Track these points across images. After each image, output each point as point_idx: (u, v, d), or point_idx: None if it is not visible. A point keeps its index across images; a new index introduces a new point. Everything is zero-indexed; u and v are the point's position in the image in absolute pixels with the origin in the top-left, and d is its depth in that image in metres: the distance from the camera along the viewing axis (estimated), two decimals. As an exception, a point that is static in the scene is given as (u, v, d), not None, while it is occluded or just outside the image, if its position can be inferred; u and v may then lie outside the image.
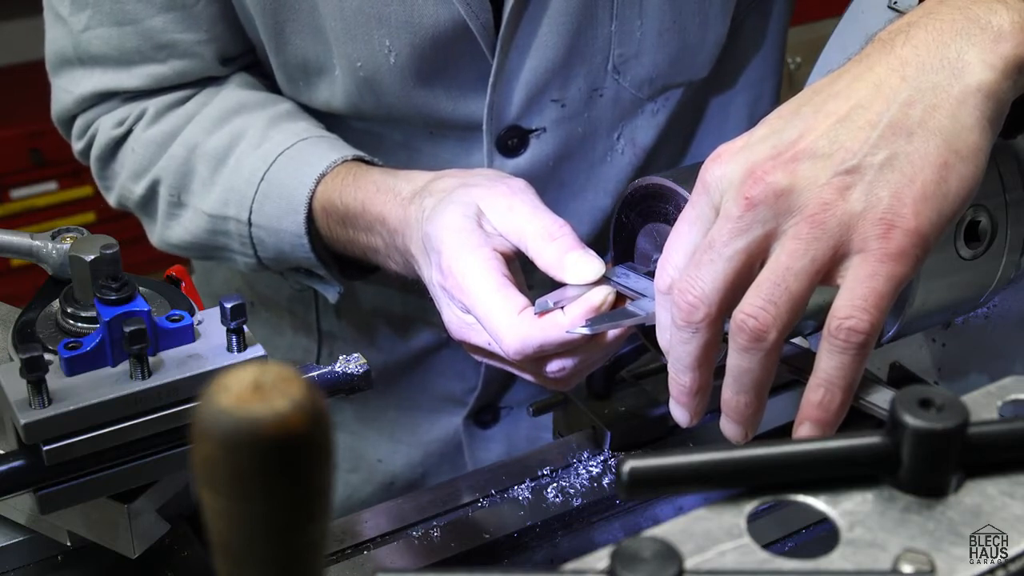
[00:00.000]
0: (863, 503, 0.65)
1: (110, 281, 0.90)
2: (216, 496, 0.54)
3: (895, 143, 0.82)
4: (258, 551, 0.55)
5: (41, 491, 0.89)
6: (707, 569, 0.61)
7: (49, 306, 0.97)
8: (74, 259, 0.93)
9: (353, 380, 0.99)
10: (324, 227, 1.27)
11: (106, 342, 0.90)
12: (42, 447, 0.87)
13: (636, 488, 0.66)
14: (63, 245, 1.00)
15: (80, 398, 0.87)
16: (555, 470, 1.17)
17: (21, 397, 0.86)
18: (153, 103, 1.38)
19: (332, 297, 1.37)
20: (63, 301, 0.95)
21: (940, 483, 0.65)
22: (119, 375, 0.89)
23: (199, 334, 0.93)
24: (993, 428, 0.67)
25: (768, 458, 0.66)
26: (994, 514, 0.64)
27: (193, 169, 1.36)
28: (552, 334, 1.00)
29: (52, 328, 0.95)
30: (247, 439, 0.52)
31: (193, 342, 0.93)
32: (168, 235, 1.41)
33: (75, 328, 0.94)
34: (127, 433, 0.89)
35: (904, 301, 1.02)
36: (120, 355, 0.90)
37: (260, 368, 0.53)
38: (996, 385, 0.73)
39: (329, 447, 0.55)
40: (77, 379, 0.89)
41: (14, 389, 0.87)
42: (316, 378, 0.98)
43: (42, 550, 1.02)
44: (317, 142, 1.31)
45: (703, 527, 0.63)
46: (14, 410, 0.86)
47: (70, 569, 1.02)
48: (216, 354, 0.92)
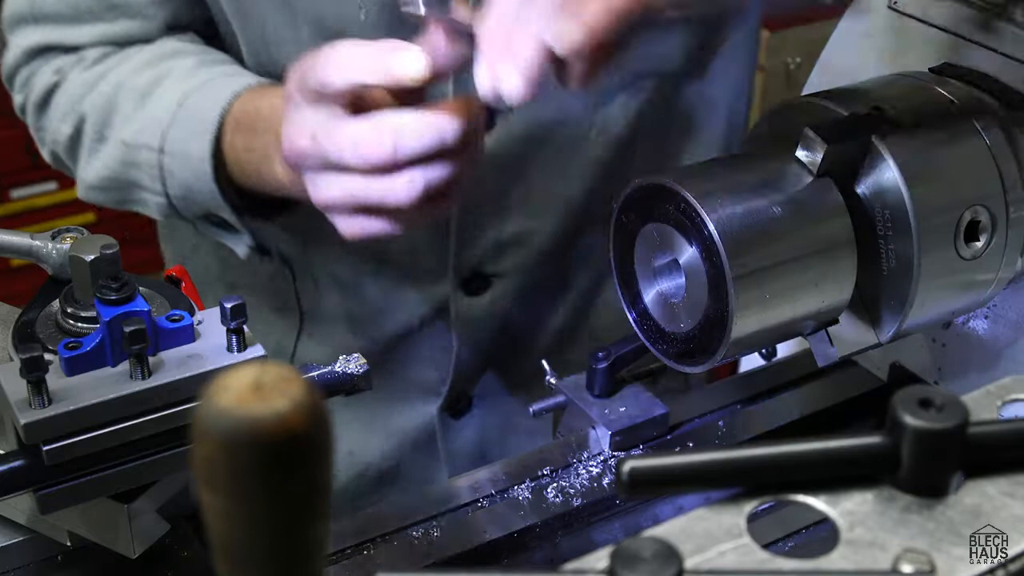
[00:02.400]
0: (863, 503, 0.65)
1: (110, 281, 0.90)
2: (216, 496, 0.54)
3: None
4: (258, 551, 0.55)
5: (41, 491, 0.89)
6: (707, 569, 0.61)
7: (49, 306, 0.97)
8: (74, 259, 0.93)
9: (353, 380, 0.99)
10: (228, 147, 1.24)
11: (106, 342, 0.89)
12: (42, 447, 0.87)
13: (636, 488, 0.66)
14: (63, 245, 1.00)
15: (80, 398, 0.87)
16: (555, 470, 1.17)
17: (21, 397, 0.86)
18: (92, 51, 1.38)
19: (241, 252, 1.34)
20: (63, 301, 0.95)
21: (940, 483, 0.65)
22: (119, 375, 0.89)
23: (199, 334, 0.93)
24: (993, 428, 0.67)
25: (768, 458, 0.66)
26: (994, 514, 0.64)
27: (117, 104, 1.34)
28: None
29: (52, 328, 0.95)
30: (247, 439, 0.52)
31: (193, 342, 0.93)
32: (87, 174, 1.39)
33: (75, 328, 0.93)
34: (127, 433, 0.89)
35: (904, 301, 1.02)
36: (120, 355, 0.90)
37: (260, 368, 0.53)
38: (996, 385, 0.73)
39: (329, 447, 0.55)
40: (77, 379, 0.88)
41: (14, 389, 0.86)
42: (316, 378, 0.98)
43: (42, 550, 1.02)
44: (244, 73, 1.30)
45: (703, 527, 0.63)
46: (14, 410, 0.86)
47: (70, 569, 1.02)
48: (216, 354, 0.91)
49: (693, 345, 1.02)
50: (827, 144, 0.98)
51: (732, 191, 0.97)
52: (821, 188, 0.99)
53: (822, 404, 1.28)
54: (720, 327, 0.98)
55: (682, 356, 1.03)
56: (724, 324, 0.97)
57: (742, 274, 0.95)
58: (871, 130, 1.00)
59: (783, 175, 0.99)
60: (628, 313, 1.08)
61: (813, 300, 1.00)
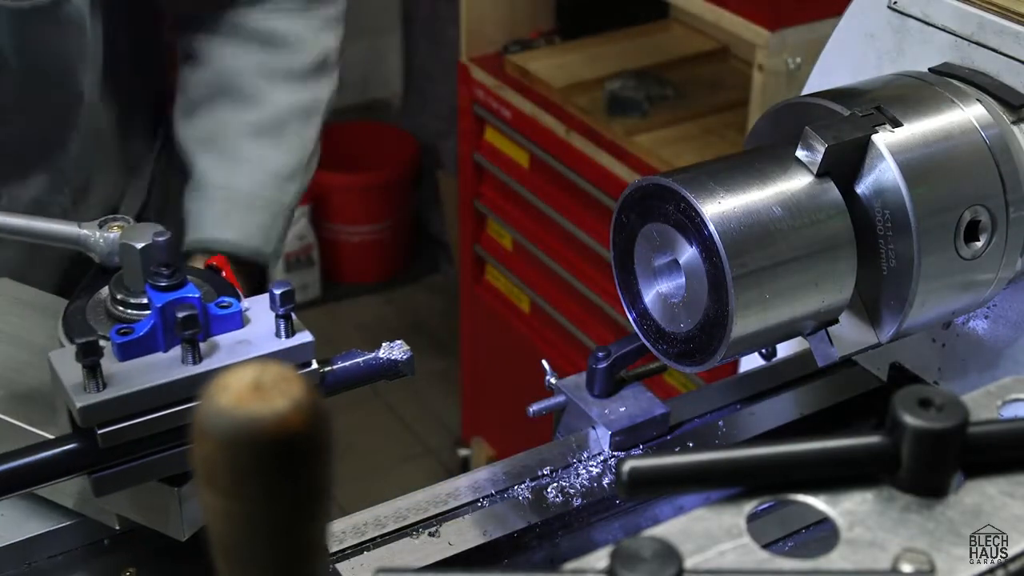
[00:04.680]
0: (863, 503, 0.65)
1: (162, 268, 0.92)
2: (216, 496, 0.54)
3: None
4: (258, 551, 0.55)
5: (95, 474, 0.90)
6: (707, 569, 0.61)
7: (98, 293, 0.99)
8: (125, 247, 0.95)
9: (398, 365, 1.00)
10: None
11: (158, 328, 0.91)
12: (97, 430, 0.88)
13: (636, 488, 0.66)
14: (110, 234, 1.01)
15: (133, 382, 0.88)
16: (555, 470, 1.17)
17: (76, 381, 0.87)
18: None
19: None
20: (113, 288, 0.96)
21: (940, 483, 0.65)
22: (171, 360, 0.91)
23: (248, 320, 0.95)
24: (993, 428, 0.67)
25: (768, 458, 0.66)
26: (994, 514, 0.64)
27: None
28: None
29: (102, 315, 0.97)
30: (247, 439, 0.52)
31: (242, 328, 0.94)
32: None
33: (125, 315, 0.95)
34: (179, 417, 0.90)
35: (904, 301, 1.02)
36: (171, 340, 0.91)
37: (260, 368, 0.53)
38: (996, 385, 0.73)
39: (329, 446, 0.55)
40: (129, 364, 0.90)
41: (68, 374, 0.88)
42: (362, 364, 0.99)
43: (90, 534, 1.03)
44: None
45: (703, 527, 0.63)
46: (70, 394, 0.87)
47: (117, 552, 1.03)
48: (265, 339, 0.93)
49: (693, 345, 1.02)
50: (827, 144, 0.98)
51: (732, 191, 0.97)
52: (821, 188, 0.99)
53: (822, 404, 1.28)
54: (720, 327, 0.98)
55: (682, 356, 1.03)
56: (724, 324, 0.97)
57: (742, 274, 0.95)
58: (871, 130, 1.00)
59: (783, 175, 0.99)
60: (628, 313, 1.08)
61: (813, 300, 1.00)
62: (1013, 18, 1.10)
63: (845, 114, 1.02)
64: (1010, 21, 1.10)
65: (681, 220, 0.98)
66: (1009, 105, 1.08)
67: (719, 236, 0.95)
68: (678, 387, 2.46)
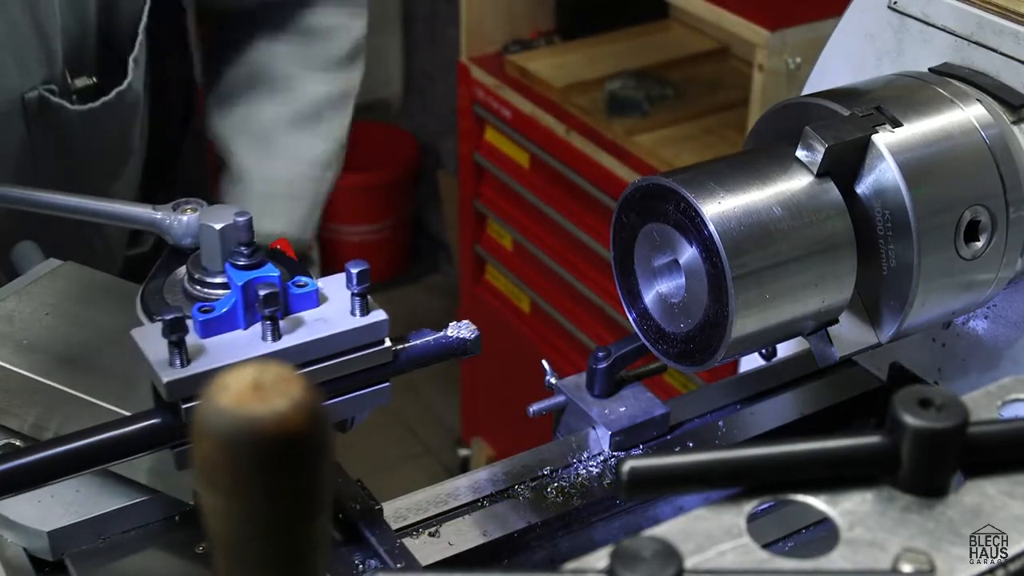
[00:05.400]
0: (863, 503, 0.65)
1: (243, 247, 0.94)
2: (216, 495, 0.54)
3: None
4: (258, 550, 0.55)
5: (178, 448, 0.92)
6: (707, 569, 0.61)
7: (174, 273, 1.01)
8: (204, 227, 0.97)
9: (466, 344, 1.02)
10: None
11: (238, 305, 0.93)
12: (181, 405, 0.90)
13: (636, 488, 0.66)
14: (184, 216, 1.04)
15: (216, 358, 0.90)
16: (555, 470, 1.17)
17: (161, 358, 0.89)
18: None
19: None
20: (190, 267, 0.99)
21: (940, 483, 0.65)
22: (251, 337, 0.92)
23: (324, 298, 0.96)
24: (993, 428, 0.67)
25: (768, 458, 0.66)
26: (994, 514, 0.64)
27: None
28: None
29: (179, 294, 0.99)
30: (247, 438, 0.52)
31: (318, 306, 0.96)
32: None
33: (202, 294, 0.97)
34: None
35: (904, 301, 1.02)
36: (251, 318, 0.93)
37: (260, 368, 0.53)
38: (996, 385, 0.73)
39: (328, 446, 0.55)
40: (211, 341, 0.92)
41: (153, 350, 0.90)
42: (432, 342, 1.01)
43: (162, 510, 1.05)
44: None
45: (703, 527, 0.63)
46: (155, 370, 0.89)
47: (189, 528, 1.04)
48: (340, 317, 0.95)
49: (693, 345, 1.02)
50: (827, 144, 0.98)
51: (732, 191, 0.97)
52: (821, 188, 0.99)
53: (822, 404, 1.28)
54: (720, 327, 0.98)
55: (682, 356, 1.03)
56: (724, 324, 0.97)
57: (742, 274, 0.95)
58: (871, 130, 1.00)
59: (783, 175, 0.99)
60: (628, 313, 1.08)
61: (813, 300, 1.00)
62: (1013, 18, 1.10)
63: (845, 114, 1.02)
64: (1010, 21, 1.10)
65: (681, 220, 0.98)
66: (1009, 105, 1.08)
67: (719, 236, 0.95)
68: (678, 387, 2.46)
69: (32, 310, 1.10)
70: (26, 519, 1.01)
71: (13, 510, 1.02)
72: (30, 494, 0.98)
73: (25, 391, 1.03)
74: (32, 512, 1.02)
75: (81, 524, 1.02)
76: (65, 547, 1.01)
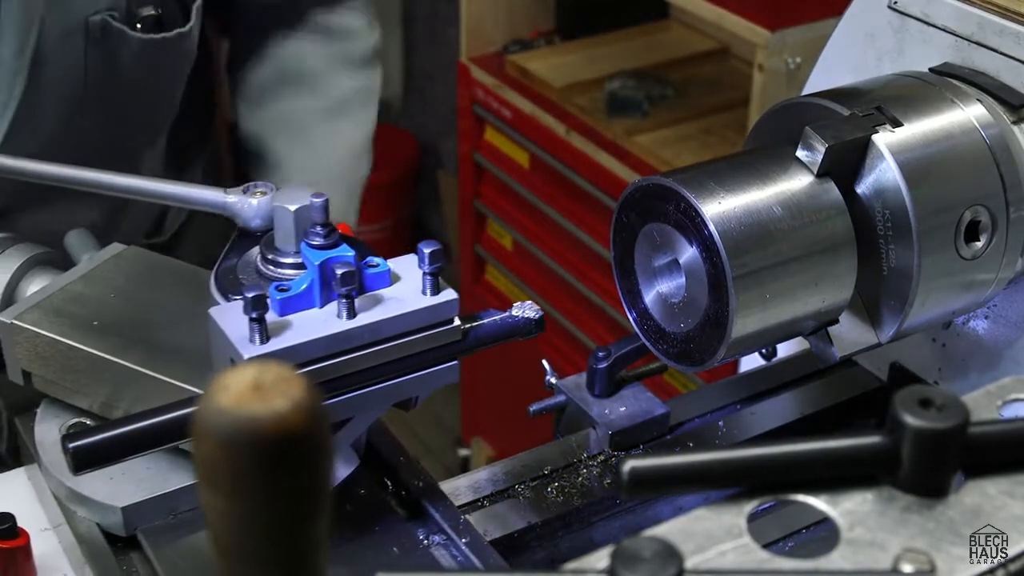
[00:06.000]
0: (863, 503, 0.65)
1: (319, 228, 0.96)
2: (216, 496, 0.54)
3: None
4: (259, 550, 0.55)
5: None
6: (707, 569, 0.61)
7: (247, 254, 1.04)
8: (279, 209, 0.99)
9: (531, 324, 1.03)
10: None
11: (314, 284, 0.94)
12: None
13: (636, 488, 0.66)
14: (254, 199, 1.07)
15: (294, 335, 0.92)
16: (555, 470, 1.17)
17: (242, 335, 0.91)
18: None
19: None
20: (263, 248, 1.01)
21: (940, 483, 0.65)
22: (326, 315, 0.94)
23: (396, 278, 0.98)
24: (993, 428, 0.67)
25: (768, 458, 0.66)
26: (994, 514, 0.64)
27: None
28: None
29: (252, 274, 1.02)
30: (247, 439, 0.52)
31: (390, 286, 0.98)
32: None
33: (275, 274, 1.00)
34: (336, 369, 0.94)
35: (904, 301, 1.02)
36: (326, 297, 0.95)
37: (260, 368, 0.53)
38: (996, 385, 0.73)
39: (328, 446, 0.55)
40: (288, 319, 0.94)
41: (233, 328, 0.92)
42: (499, 322, 1.02)
43: None
44: None
45: (703, 527, 0.63)
46: (236, 347, 0.91)
47: None
48: (412, 296, 0.97)
49: (693, 345, 1.02)
50: (827, 144, 0.98)
51: (732, 191, 0.97)
52: (821, 188, 0.99)
53: (822, 404, 1.28)
54: (720, 327, 0.98)
55: (682, 356, 1.03)
56: (724, 324, 0.97)
57: (742, 274, 0.95)
58: (871, 130, 1.00)
59: (783, 175, 0.99)
60: (628, 313, 1.08)
61: (813, 300, 1.00)
62: (1013, 18, 1.10)
63: (845, 114, 1.02)
64: (1010, 21, 1.10)
65: (681, 220, 0.98)
66: (1009, 105, 1.08)
67: (719, 236, 0.95)
68: (678, 387, 2.46)
69: (100, 292, 1.13)
70: (100, 495, 1.04)
71: (87, 487, 1.04)
72: (102, 471, 0.99)
73: (96, 370, 1.05)
74: (105, 489, 1.04)
75: (153, 500, 1.04)
76: (137, 523, 1.03)
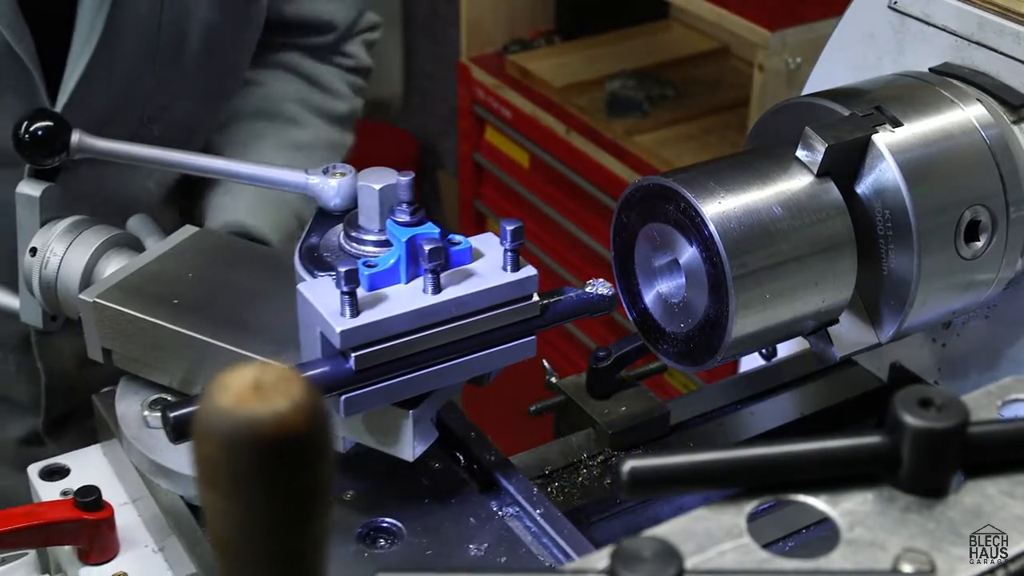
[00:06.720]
0: (863, 503, 0.65)
1: (406, 206, 0.99)
2: (216, 496, 0.54)
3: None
4: (259, 550, 0.55)
5: (346, 395, 0.96)
6: (707, 569, 0.61)
7: (329, 232, 1.07)
8: (364, 188, 1.03)
9: (604, 300, 1.04)
10: None
11: (401, 260, 0.97)
12: (351, 353, 0.93)
13: (636, 488, 0.66)
14: (334, 180, 1.12)
15: (384, 310, 0.94)
16: (555, 470, 1.17)
17: (332, 309, 0.94)
18: None
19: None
20: (347, 227, 1.05)
21: (940, 483, 0.65)
22: (412, 290, 0.97)
23: (478, 255, 1.00)
24: (993, 428, 0.67)
25: (768, 458, 0.66)
26: (994, 514, 0.64)
27: None
28: None
29: (335, 252, 1.05)
30: (247, 439, 0.52)
31: (472, 262, 1.00)
32: None
33: (359, 251, 1.03)
34: (422, 343, 0.96)
35: (904, 301, 1.02)
36: (411, 272, 0.97)
37: (260, 368, 0.53)
38: (996, 385, 0.73)
39: (329, 446, 0.55)
40: (376, 293, 0.96)
41: (324, 303, 0.94)
42: (574, 298, 1.03)
43: None
44: None
45: (703, 527, 0.63)
46: (328, 320, 0.93)
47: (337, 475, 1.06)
48: (493, 272, 0.99)
49: (693, 345, 1.02)
50: (827, 144, 0.98)
51: (732, 191, 0.97)
52: (821, 188, 0.99)
53: (822, 404, 1.28)
54: (720, 327, 0.98)
55: (682, 356, 1.03)
56: (724, 324, 0.97)
57: (742, 274, 0.95)
58: (871, 130, 1.00)
59: (783, 175, 0.99)
60: (628, 313, 1.08)
61: (813, 300, 1.00)
62: (1013, 18, 1.10)
63: (845, 114, 1.02)
64: (1010, 21, 1.09)
65: (681, 220, 0.98)
66: (1009, 105, 1.08)
67: (719, 236, 0.95)
68: (678, 387, 2.46)
69: (177, 272, 1.16)
70: (182, 467, 1.05)
71: (170, 458, 1.06)
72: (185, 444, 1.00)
73: (178, 347, 1.08)
74: (187, 460, 1.03)
75: None
76: None
